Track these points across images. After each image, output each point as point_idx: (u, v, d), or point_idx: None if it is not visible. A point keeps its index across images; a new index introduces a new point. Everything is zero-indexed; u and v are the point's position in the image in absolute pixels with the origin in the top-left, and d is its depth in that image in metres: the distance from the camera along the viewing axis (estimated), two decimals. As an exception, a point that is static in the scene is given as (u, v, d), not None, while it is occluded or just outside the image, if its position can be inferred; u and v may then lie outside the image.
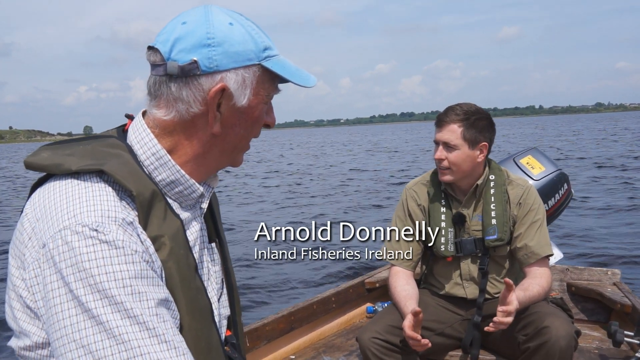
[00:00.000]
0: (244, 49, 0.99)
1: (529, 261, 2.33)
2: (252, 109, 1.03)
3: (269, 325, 2.58)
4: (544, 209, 2.41)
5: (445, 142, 2.32)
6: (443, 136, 2.33)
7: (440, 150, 2.33)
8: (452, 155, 2.32)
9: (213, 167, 1.08)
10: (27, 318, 0.90)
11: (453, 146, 2.31)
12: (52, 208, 0.90)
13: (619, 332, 2.37)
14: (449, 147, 2.32)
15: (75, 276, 0.83)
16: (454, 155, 2.32)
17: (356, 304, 3.21)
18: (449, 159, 2.32)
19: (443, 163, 2.33)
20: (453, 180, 2.36)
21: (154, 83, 1.00)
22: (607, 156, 20.35)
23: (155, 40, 1.01)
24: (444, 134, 2.33)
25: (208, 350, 0.99)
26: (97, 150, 0.97)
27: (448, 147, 2.32)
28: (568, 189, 3.16)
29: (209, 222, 1.16)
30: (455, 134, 2.31)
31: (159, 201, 0.96)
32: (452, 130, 2.32)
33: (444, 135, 2.33)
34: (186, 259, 0.97)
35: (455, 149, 2.31)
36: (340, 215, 10.38)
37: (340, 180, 17.30)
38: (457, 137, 2.31)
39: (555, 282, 3.21)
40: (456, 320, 2.44)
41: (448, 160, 2.32)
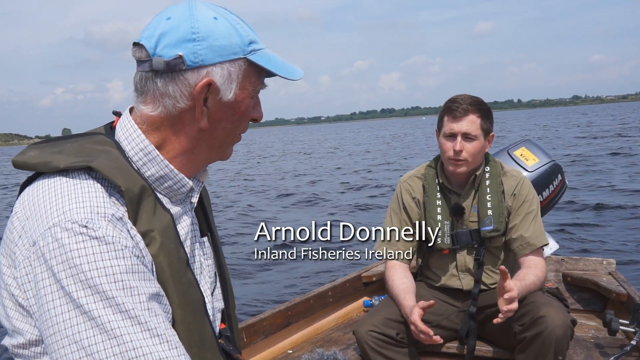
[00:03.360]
0: (229, 43, 0.99)
1: (524, 252, 2.33)
2: (238, 104, 1.03)
3: (266, 320, 2.58)
4: (538, 199, 2.42)
5: (466, 133, 2.29)
6: (463, 127, 2.29)
7: (460, 142, 2.29)
8: (470, 146, 2.29)
9: (202, 162, 1.08)
10: (20, 316, 0.90)
11: (473, 137, 2.29)
12: (42, 206, 0.90)
13: (615, 321, 2.38)
14: (468, 138, 2.29)
15: (66, 273, 0.83)
16: (472, 146, 2.30)
17: (353, 297, 3.22)
18: (467, 150, 2.29)
19: (462, 155, 2.30)
20: (466, 171, 2.34)
21: (140, 79, 1.00)
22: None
23: (140, 36, 1.01)
24: (464, 124, 2.29)
25: (201, 343, 0.99)
26: (85, 147, 0.97)
27: (467, 138, 2.29)
28: (562, 180, 3.17)
29: (201, 216, 1.16)
30: (475, 124, 2.29)
31: (149, 196, 0.96)
32: (472, 120, 2.29)
33: (463, 126, 2.29)
34: (177, 253, 0.97)
35: (475, 139, 2.30)
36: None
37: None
38: (477, 128, 2.29)
39: (550, 272, 3.22)
40: (452, 312, 2.45)
41: (466, 152, 2.29)
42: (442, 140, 2.36)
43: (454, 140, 2.31)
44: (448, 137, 2.33)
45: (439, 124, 2.40)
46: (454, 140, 2.31)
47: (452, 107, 2.33)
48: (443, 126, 2.35)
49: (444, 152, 2.36)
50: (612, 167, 14.45)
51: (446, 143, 2.33)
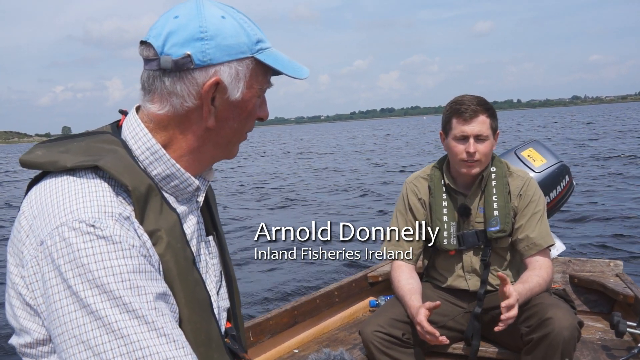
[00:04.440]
0: (237, 42, 0.99)
1: (530, 252, 2.32)
2: (245, 103, 1.03)
3: (272, 320, 2.59)
4: (544, 200, 2.41)
5: (478, 135, 2.28)
6: (475, 128, 2.28)
7: (473, 144, 2.29)
8: (482, 146, 2.30)
9: (208, 161, 1.08)
10: (27, 315, 0.90)
11: (485, 137, 2.29)
12: (49, 205, 0.90)
13: (622, 323, 2.37)
14: (480, 139, 2.29)
15: (73, 272, 0.83)
16: (484, 147, 2.30)
17: (359, 297, 3.21)
18: (480, 151, 2.29)
19: (475, 156, 2.29)
20: (479, 172, 2.34)
21: (148, 78, 1.00)
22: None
23: (148, 34, 1.01)
24: (476, 126, 2.29)
25: (208, 342, 0.99)
26: (92, 146, 0.97)
27: (479, 139, 2.29)
28: (570, 181, 3.16)
29: (206, 215, 1.16)
30: (486, 125, 2.29)
31: (155, 195, 0.96)
32: (483, 121, 2.29)
33: (476, 128, 2.28)
34: (183, 252, 0.97)
35: (487, 139, 2.30)
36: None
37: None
38: (488, 128, 2.30)
39: (557, 274, 3.21)
40: (458, 313, 2.44)
41: (479, 153, 2.29)
42: (453, 143, 2.33)
43: (466, 143, 2.30)
44: (459, 139, 2.31)
45: (445, 127, 2.38)
46: (466, 143, 2.30)
47: (460, 109, 2.31)
48: (452, 129, 2.33)
49: (455, 155, 2.34)
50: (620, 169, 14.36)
51: (457, 146, 2.32)
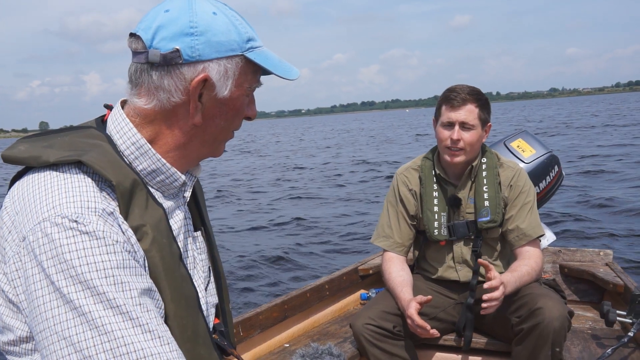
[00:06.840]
0: (227, 39, 0.98)
1: (520, 243, 2.33)
2: (233, 101, 1.02)
3: (262, 314, 2.58)
4: (534, 191, 2.42)
5: (463, 122, 2.29)
6: (460, 116, 2.29)
7: (458, 131, 2.29)
8: (468, 135, 2.29)
9: (194, 157, 1.07)
10: (10, 313, 0.89)
11: (470, 126, 2.29)
12: (31, 200, 0.89)
13: (612, 312, 2.38)
14: (465, 127, 2.29)
15: (56, 268, 0.82)
16: (469, 135, 2.30)
17: (350, 291, 3.21)
18: (465, 140, 2.29)
19: (459, 144, 2.30)
20: (464, 161, 2.33)
21: (135, 71, 0.99)
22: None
23: (137, 27, 0.99)
24: (462, 113, 2.29)
25: (194, 338, 0.98)
26: (76, 141, 0.96)
27: (465, 127, 2.29)
28: (559, 171, 3.17)
29: (194, 211, 1.15)
30: (473, 114, 2.29)
31: (140, 190, 0.94)
32: (470, 110, 2.29)
33: (461, 115, 2.29)
34: (170, 248, 0.96)
35: (472, 129, 2.30)
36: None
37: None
38: (475, 118, 2.30)
39: (547, 264, 3.22)
40: (449, 305, 2.44)
41: (464, 141, 2.29)
42: (440, 129, 2.35)
43: (452, 129, 2.30)
44: (446, 126, 2.32)
45: (436, 113, 2.40)
46: (452, 129, 2.30)
47: (450, 96, 2.32)
48: (441, 115, 2.35)
49: (441, 141, 2.35)
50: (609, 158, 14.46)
51: (443, 132, 2.33)
